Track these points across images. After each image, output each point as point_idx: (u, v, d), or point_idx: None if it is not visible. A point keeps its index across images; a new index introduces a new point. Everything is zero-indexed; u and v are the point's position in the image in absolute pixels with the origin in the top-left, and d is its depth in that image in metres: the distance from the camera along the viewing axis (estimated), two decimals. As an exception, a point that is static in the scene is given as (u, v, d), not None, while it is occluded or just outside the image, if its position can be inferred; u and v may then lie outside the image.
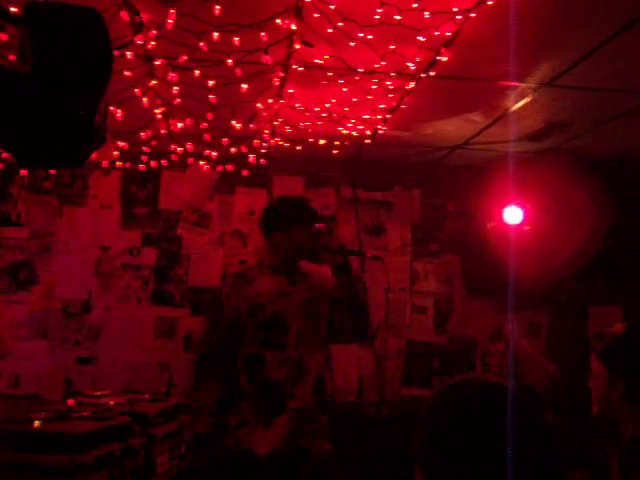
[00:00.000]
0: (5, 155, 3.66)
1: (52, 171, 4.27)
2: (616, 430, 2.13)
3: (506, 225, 4.66)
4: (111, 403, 3.11)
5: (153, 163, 4.30)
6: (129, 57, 2.79)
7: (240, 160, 4.24)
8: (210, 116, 3.44)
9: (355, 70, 2.98)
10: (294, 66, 3.03)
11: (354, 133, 3.90)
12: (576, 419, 2.59)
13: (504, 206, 4.66)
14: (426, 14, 2.45)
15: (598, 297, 4.83)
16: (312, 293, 3.04)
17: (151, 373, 4.52)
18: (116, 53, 2.72)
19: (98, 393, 3.41)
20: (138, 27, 2.38)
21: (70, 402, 3.07)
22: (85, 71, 0.89)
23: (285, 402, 2.88)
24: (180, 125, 3.67)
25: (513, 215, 4.63)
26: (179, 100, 3.27)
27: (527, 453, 1.11)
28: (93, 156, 1.14)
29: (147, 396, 3.43)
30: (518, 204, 4.63)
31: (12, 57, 0.97)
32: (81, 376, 4.49)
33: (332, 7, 2.46)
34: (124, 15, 2.52)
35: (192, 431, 3.06)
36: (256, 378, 2.91)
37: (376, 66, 2.91)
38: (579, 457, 2.68)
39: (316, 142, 3.97)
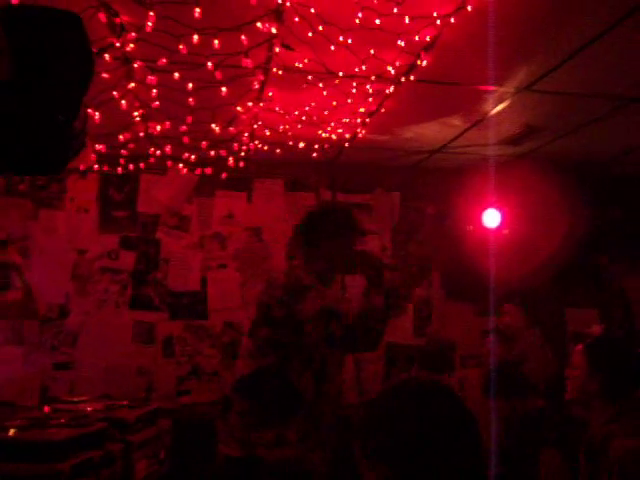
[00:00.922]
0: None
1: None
2: (585, 419, 2.21)
3: (485, 228, 4.70)
4: (88, 409, 3.07)
5: (131, 166, 4.25)
6: (107, 59, 2.76)
7: (219, 163, 4.21)
8: (189, 119, 3.41)
9: (335, 74, 2.97)
10: (274, 69, 3.02)
11: (333, 136, 3.90)
12: (553, 404, 2.67)
13: (483, 209, 4.70)
14: (406, 19, 2.45)
15: (575, 299, 4.88)
16: (339, 305, 2.98)
17: (130, 378, 4.47)
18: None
19: (75, 399, 3.37)
20: (118, 29, 2.35)
21: (46, 409, 3.03)
22: (65, 76, 0.88)
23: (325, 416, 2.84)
24: (159, 128, 3.63)
25: (492, 218, 4.67)
26: (158, 103, 3.23)
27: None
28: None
29: (125, 402, 3.39)
30: (497, 207, 4.67)
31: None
32: (58, 382, 4.42)
33: (312, 11, 2.46)
34: (102, 17, 2.50)
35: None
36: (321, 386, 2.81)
37: (356, 70, 2.91)
38: (552, 437, 2.77)
39: (296, 145, 3.96)
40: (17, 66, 0.83)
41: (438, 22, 2.52)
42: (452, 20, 2.49)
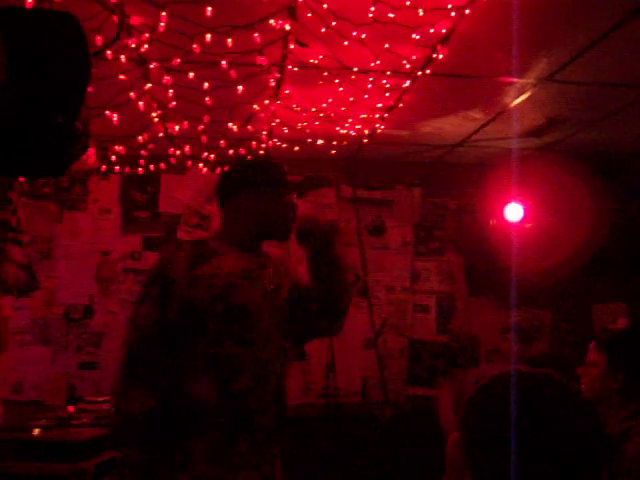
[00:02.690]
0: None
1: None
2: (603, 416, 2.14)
3: (507, 222, 4.63)
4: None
5: (152, 166, 4.29)
6: (123, 61, 2.78)
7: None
8: (207, 118, 3.42)
9: (350, 69, 2.96)
10: (289, 66, 3.01)
11: (352, 133, 3.88)
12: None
13: (505, 203, 4.63)
14: (420, 11, 2.42)
15: (602, 294, 4.79)
16: (279, 280, 2.28)
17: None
18: (109, 57, 2.72)
19: (99, 399, 3.40)
20: (128, 30, 2.36)
21: (70, 409, 3.06)
22: (63, 78, 0.88)
23: (253, 420, 2.07)
24: (177, 128, 3.65)
25: (514, 212, 4.60)
26: (175, 103, 3.25)
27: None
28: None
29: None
30: (519, 201, 4.60)
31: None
32: (84, 382, 4.47)
33: (325, 6, 2.44)
34: (115, 19, 2.51)
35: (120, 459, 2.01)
36: (225, 387, 2.03)
37: (372, 65, 2.89)
38: None
39: (314, 142, 3.95)
40: (13, 68, 0.83)
41: (453, 14, 2.48)
42: (467, 11, 2.45)
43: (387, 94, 3.30)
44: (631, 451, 1.91)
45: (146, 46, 2.67)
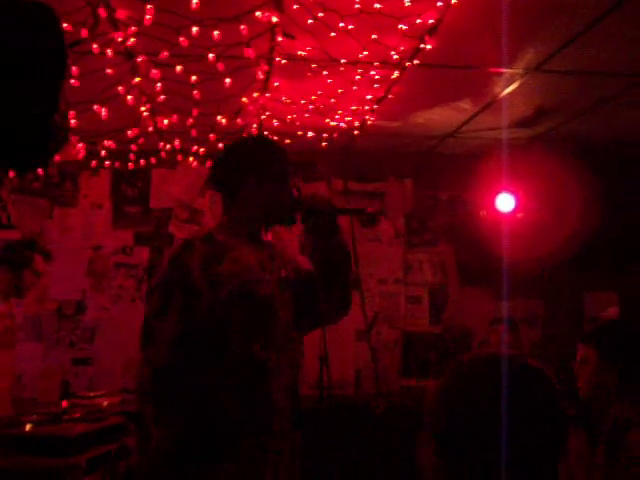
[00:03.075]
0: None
1: (41, 172, 4.24)
2: (602, 411, 2.12)
3: (499, 213, 4.64)
4: (105, 404, 3.10)
5: (142, 161, 4.27)
6: (110, 55, 2.77)
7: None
8: (196, 112, 3.41)
9: (338, 61, 2.95)
10: (278, 59, 3.00)
11: (342, 124, 3.88)
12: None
13: (496, 194, 4.64)
14: (406, 2, 2.42)
15: (593, 283, 4.81)
16: (287, 269, 2.12)
17: (147, 372, 4.49)
18: (96, 51, 2.71)
19: (92, 394, 3.40)
20: (95, 20, 2.34)
21: (64, 404, 3.06)
22: (37, 69, 0.87)
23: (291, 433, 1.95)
24: (166, 122, 3.64)
25: (505, 203, 4.61)
26: (163, 97, 3.24)
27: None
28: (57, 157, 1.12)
29: (141, 395, 3.41)
30: (510, 191, 4.61)
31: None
32: (78, 377, 4.47)
33: (311, -2, 2.43)
34: (102, 12, 2.50)
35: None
36: (253, 392, 1.87)
37: (359, 56, 2.88)
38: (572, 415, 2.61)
39: (305, 135, 3.94)
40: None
41: (439, 4, 2.48)
42: (453, 1, 2.44)
43: (376, 85, 3.30)
44: (631, 442, 1.90)
45: (133, 40, 2.66)
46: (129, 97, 3.24)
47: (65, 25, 2.41)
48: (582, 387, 2.17)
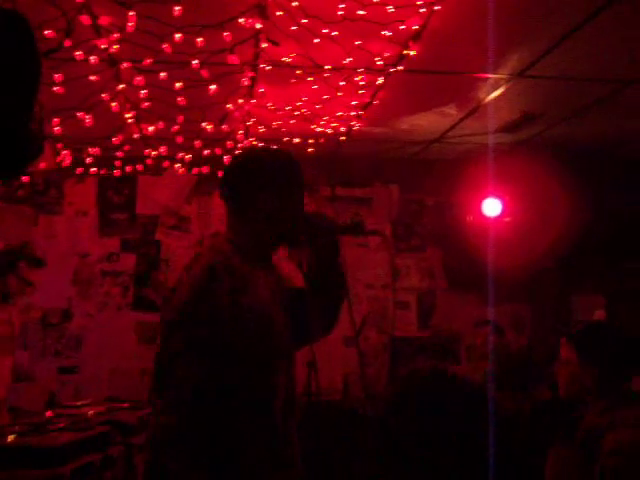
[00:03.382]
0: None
1: (26, 179, 4.21)
2: (580, 412, 2.13)
3: (485, 217, 4.65)
4: (90, 413, 3.06)
5: (128, 168, 4.25)
6: (93, 62, 2.75)
7: (217, 162, 4.19)
8: (181, 119, 3.40)
9: (323, 67, 2.95)
10: (262, 65, 3.00)
11: (328, 130, 3.88)
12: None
13: (483, 198, 4.66)
14: (390, 8, 2.42)
15: (580, 286, 4.83)
16: (282, 287, 2.02)
17: (134, 380, 4.47)
18: (79, 58, 2.70)
19: (78, 403, 3.37)
20: (68, 26, 2.32)
21: (48, 414, 3.03)
22: (11, 78, 0.86)
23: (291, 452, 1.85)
24: (152, 129, 3.62)
25: (492, 207, 4.63)
26: (148, 104, 3.23)
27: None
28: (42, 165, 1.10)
29: (127, 404, 3.39)
30: (497, 196, 4.63)
31: None
32: (64, 386, 4.43)
33: (295, 4, 2.43)
34: (84, 19, 2.49)
35: None
36: (266, 418, 1.77)
37: (344, 62, 2.88)
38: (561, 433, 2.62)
39: (291, 141, 3.94)
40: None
41: (423, 10, 2.48)
42: (437, 8, 2.45)
43: (361, 91, 3.30)
44: (609, 445, 1.91)
45: (116, 46, 2.65)
46: (113, 104, 3.22)
47: (47, 32, 2.40)
48: (562, 387, 2.19)
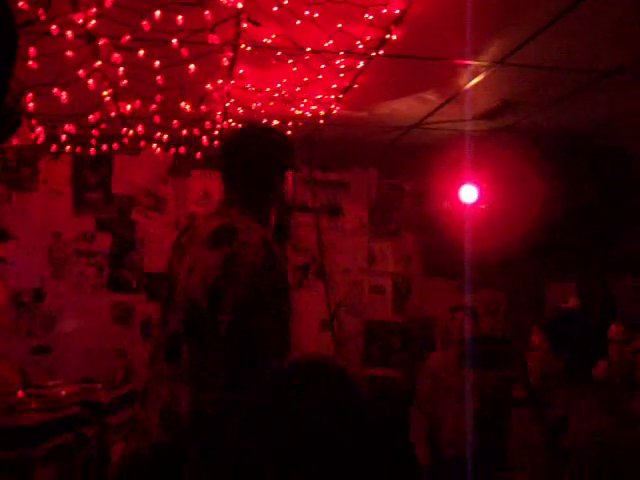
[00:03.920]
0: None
1: (-3, 156, 4.13)
2: (548, 399, 2.18)
3: (462, 204, 4.68)
4: (63, 393, 3.04)
5: (104, 147, 4.19)
6: (70, 37, 2.69)
7: (194, 143, 4.16)
8: (159, 98, 3.35)
9: (304, 49, 2.93)
10: (243, 46, 2.96)
11: (307, 114, 3.86)
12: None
13: (460, 185, 4.68)
14: (372, -9, 2.40)
15: (555, 274, 4.89)
16: None
17: (108, 360, 4.44)
18: (55, 32, 2.64)
19: (50, 383, 3.34)
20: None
21: (20, 394, 3.00)
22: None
23: None
24: (129, 107, 3.57)
25: (469, 194, 4.66)
26: (126, 82, 3.17)
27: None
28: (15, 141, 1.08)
29: (100, 385, 3.37)
30: (473, 183, 4.65)
31: None
32: (37, 367, 4.39)
33: (277, -16, 2.40)
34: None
35: None
36: None
37: (325, 45, 2.86)
38: (522, 396, 2.68)
39: (269, 123, 3.91)
40: None
41: (405, -5, 2.47)
42: (419, -8, 2.44)
43: (341, 75, 3.28)
44: (573, 429, 1.96)
45: (93, 22, 2.60)
46: (90, 81, 3.15)
47: (20, 4, 2.34)
48: (532, 373, 2.23)
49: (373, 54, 3.02)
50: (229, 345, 1.75)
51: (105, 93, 3.43)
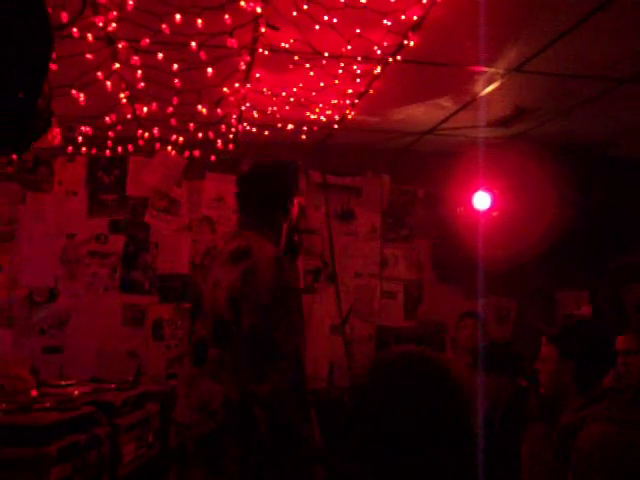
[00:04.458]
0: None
1: (14, 156, 4.15)
2: (560, 407, 2.18)
3: (475, 210, 4.68)
4: (75, 393, 3.05)
5: (120, 148, 4.22)
6: (90, 39, 2.72)
7: (208, 146, 4.18)
8: (176, 100, 3.38)
9: (321, 54, 2.94)
10: (260, 50, 2.98)
11: (322, 118, 3.87)
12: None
13: (473, 191, 4.68)
14: (392, -3, 2.42)
15: (567, 281, 4.88)
16: None
17: (119, 361, 4.46)
18: (76, 35, 2.66)
19: (63, 383, 3.35)
20: (84, 4, 2.30)
21: (33, 393, 3.01)
22: (23, 52, 0.85)
23: None
24: (145, 110, 3.59)
25: (482, 200, 4.65)
26: (143, 84, 3.20)
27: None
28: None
29: (113, 385, 3.38)
30: (487, 189, 4.65)
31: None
32: (48, 366, 4.40)
33: (297, -11, 2.42)
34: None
35: None
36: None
37: (342, 50, 2.87)
38: (536, 412, 2.69)
39: (284, 127, 3.93)
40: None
41: (425, 1, 2.48)
42: (438, -1, 2.45)
43: (358, 80, 3.30)
44: (584, 439, 1.95)
45: (114, 25, 2.62)
46: (108, 83, 3.19)
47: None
48: (543, 384, 2.23)
49: (390, 60, 3.03)
50: (250, 344, 2.06)
51: (122, 95, 3.46)
